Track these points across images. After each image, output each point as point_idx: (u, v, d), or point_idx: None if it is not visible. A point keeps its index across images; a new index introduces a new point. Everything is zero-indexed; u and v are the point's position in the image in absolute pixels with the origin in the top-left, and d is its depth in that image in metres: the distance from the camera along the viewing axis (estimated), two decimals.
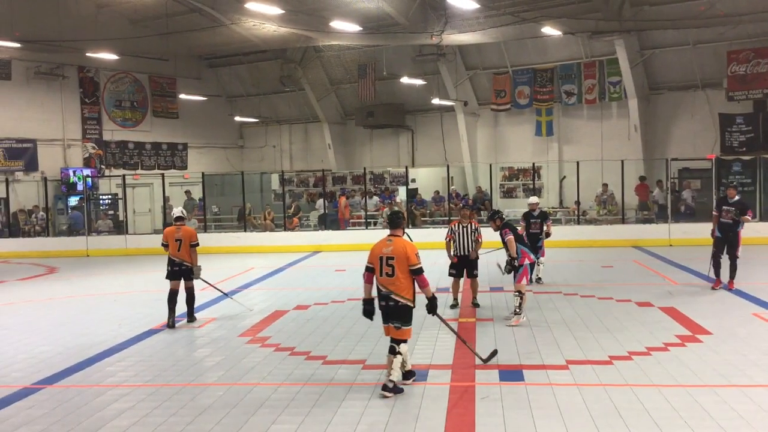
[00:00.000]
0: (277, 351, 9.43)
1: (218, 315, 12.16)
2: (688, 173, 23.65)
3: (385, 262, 7.51)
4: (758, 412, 6.59)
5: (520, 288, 10.60)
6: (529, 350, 9.03)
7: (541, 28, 22.56)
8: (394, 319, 7.56)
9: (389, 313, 7.58)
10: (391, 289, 7.50)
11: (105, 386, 8.10)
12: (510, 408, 6.89)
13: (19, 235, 24.63)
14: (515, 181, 28.78)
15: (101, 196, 27.98)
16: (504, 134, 29.14)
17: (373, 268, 7.60)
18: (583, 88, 26.42)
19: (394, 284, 7.49)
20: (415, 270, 7.50)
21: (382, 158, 31.77)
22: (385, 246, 7.59)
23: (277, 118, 34.47)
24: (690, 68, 24.73)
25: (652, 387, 7.41)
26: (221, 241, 23.26)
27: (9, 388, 8.08)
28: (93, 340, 10.38)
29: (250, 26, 25.31)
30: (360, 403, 7.17)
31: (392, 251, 7.52)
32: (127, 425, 6.77)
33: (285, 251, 21.87)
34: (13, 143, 26.38)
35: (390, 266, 7.49)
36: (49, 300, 14.59)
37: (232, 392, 7.70)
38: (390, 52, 28.14)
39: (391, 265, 7.48)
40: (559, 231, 22.62)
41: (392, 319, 7.57)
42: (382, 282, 7.55)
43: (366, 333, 10.23)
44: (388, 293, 7.52)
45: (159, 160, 31.43)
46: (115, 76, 29.97)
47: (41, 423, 6.91)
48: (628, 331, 9.91)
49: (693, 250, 19.03)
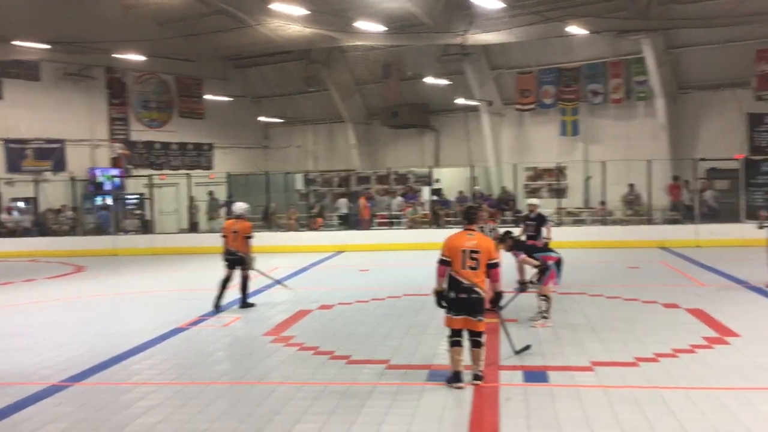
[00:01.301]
0: (300, 350, 9.47)
1: (242, 314, 12.23)
2: (716, 173, 23.36)
3: (469, 255, 7.64)
4: None
5: (546, 291, 10.51)
6: (554, 351, 8.98)
7: (566, 27, 22.41)
8: (476, 312, 7.66)
9: (472, 305, 7.65)
10: (475, 282, 7.64)
11: (131, 384, 8.18)
12: (534, 409, 6.86)
13: (48, 234, 24.96)
14: (540, 181, 28.59)
15: (128, 195, 28.29)
16: (529, 134, 28.97)
17: (450, 261, 7.69)
18: (609, 87, 26.19)
19: (478, 277, 7.66)
20: (494, 264, 7.71)
21: (406, 158, 31.73)
22: (467, 240, 7.73)
23: (301, 119, 34.58)
24: (718, 67, 24.40)
25: (678, 389, 7.33)
26: None
27: (37, 386, 8.19)
28: (119, 338, 10.48)
29: (275, 27, 25.44)
30: (383, 403, 7.17)
31: (477, 245, 7.70)
32: (153, 423, 6.83)
33: (309, 251, 21.95)
34: (42, 144, 26.77)
35: (474, 259, 7.64)
36: (76, 298, 14.77)
37: (256, 391, 7.74)
38: (414, 52, 28.13)
39: (476, 259, 7.64)
40: (584, 231, 22.64)
41: (474, 312, 7.65)
42: (465, 275, 7.64)
43: (390, 333, 10.24)
44: (472, 286, 7.63)
45: (185, 160, 31.69)
46: (142, 77, 30.28)
47: (68, 420, 6.99)
48: (654, 332, 9.81)
49: (721, 251, 18.83)
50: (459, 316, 7.68)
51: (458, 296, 7.65)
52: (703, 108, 25.17)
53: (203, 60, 30.47)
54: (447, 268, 7.73)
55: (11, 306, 13.97)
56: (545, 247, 10.85)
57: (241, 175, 30.20)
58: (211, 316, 12.03)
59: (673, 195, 23.70)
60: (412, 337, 9.97)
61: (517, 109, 28.40)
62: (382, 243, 22.26)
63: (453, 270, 7.70)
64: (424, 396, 7.38)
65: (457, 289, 7.67)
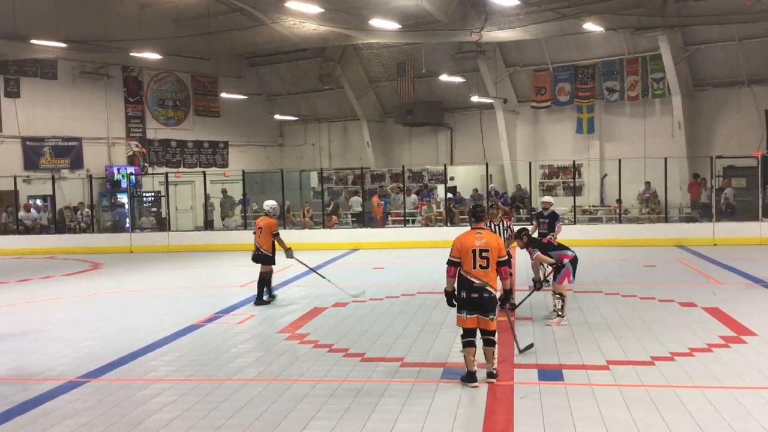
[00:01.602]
0: (315, 348, 9.49)
1: (257, 311, 12.27)
2: (733, 171, 23.18)
3: (479, 255, 7.63)
4: None
5: (561, 290, 10.46)
6: (569, 350, 8.95)
7: (582, 24, 22.29)
8: (489, 311, 7.65)
9: (484, 304, 7.63)
10: (486, 281, 7.63)
11: (147, 380, 8.23)
12: (549, 408, 6.84)
13: (65, 232, 25.17)
14: (555, 179, 28.54)
15: (144, 193, 28.47)
16: (544, 132, 28.88)
17: (459, 261, 7.68)
18: (626, 84, 26.06)
19: (488, 276, 7.65)
20: (504, 261, 7.73)
21: (421, 156, 31.74)
22: (477, 239, 7.71)
23: (316, 117, 34.65)
24: (735, 64, 24.22)
25: (694, 388, 7.29)
26: None
27: (55, 381, 8.26)
28: (136, 335, 10.56)
29: (290, 25, 25.46)
30: (398, 401, 7.18)
31: (486, 243, 7.68)
32: (169, 419, 6.88)
33: (324, 248, 21.97)
34: (59, 142, 26.99)
35: (485, 258, 7.64)
36: (93, 295, 14.87)
37: (271, 388, 7.77)
38: (429, 50, 28.09)
39: (486, 258, 7.64)
40: (600, 230, 22.55)
41: (487, 311, 7.64)
42: (477, 274, 7.63)
43: (404, 331, 10.24)
44: (484, 285, 7.62)
45: (201, 158, 31.88)
46: (158, 76, 30.45)
47: (86, 416, 7.05)
48: (671, 331, 9.75)
49: (738, 249, 18.69)
50: (471, 315, 7.66)
51: (470, 296, 7.64)
52: (720, 105, 25.01)
53: (219, 58, 30.59)
54: (457, 269, 7.73)
55: (29, 303, 14.10)
56: (560, 246, 10.78)
57: (256, 173, 30.32)
58: (226, 313, 12.08)
59: (692, 193, 23.54)
60: (427, 335, 9.97)
61: (532, 106, 28.31)
62: (396, 241, 22.25)
63: (464, 270, 7.68)
64: (439, 394, 7.38)
65: (468, 289, 7.65)
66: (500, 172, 29.05)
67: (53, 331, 11.08)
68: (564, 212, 24.63)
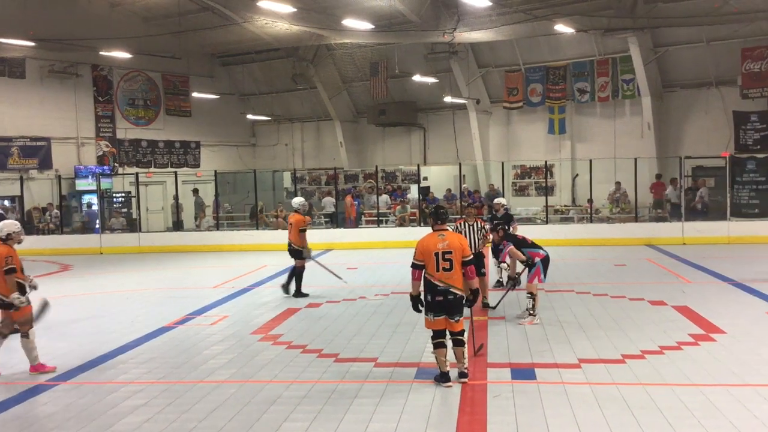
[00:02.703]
0: (289, 349, 9.46)
1: (231, 312, 12.20)
2: (702, 171, 23.50)
3: (442, 257, 7.61)
4: None
5: (531, 289, 10.53)
6: (542, 349, 9.01)
7: (553, 25, 22.47)
8: (455, 312, 7.66)
9: (449, 306, 7.64)
10: (450, 283, 7.61)
11: (118, 383, 8.15)
12: (522, 407, 6.88)
13: (34, 233, 24.78)
14: (528, 179, 28.72)
15: (115, 194, 28.13)
16: (516, 132, 29.05)
17: (423, 264, 7.67)
18: (596, 85, 26.30)
19: (452, 278, 7.63)
20: (468, 261, 7.69)
21: (394, 156, 31.75)
22: (439, 241, 7.69)
23: (289, 117, 34.52)
24: (704, 66, 24.56)
25: (665, 386, 7.38)
26: (234, 239, 23.36)
27: (24, 385, 8.15)
28: (107, 337, 10.44)
29: (262, 24, 25.36)
30: (372, 401, 7.18)
31: (449, 245, 7.66)
32: (140, 422, 6.81)
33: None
34: (28, 141, 26.56)
35: (448, 260, 7.62)
36: (62, 297, 14.66)
37: (244, 390, 7.73)
38: (402, 50, 28.12)
39: (449, 259, 7.62)
40: (571, 229, 22.74)
41: (453, 313, 7.66)
42: (440, 277, 7.62)
43: (377, 331, 10.25)
44: (448, 287, 7.61)
45: (172, 158, 31.56)
46: (129, 75, 30.11)
47: (56, 420, 6.96)
48: (641, 329, 9.86)
49: (706, 248, 18.96)
50: (438, 317, 7.69)
51: (435, 299, 7.65)
52: (689, 106, 25.34)
53: (190, 57, 30.31)
54: (421, 272, 7.71)
55: None
56: (534, 244, 10.85)
57: (228, 173, 30.14)
58: (198, 315, 12.00)
59: (656, 193, 23.83)
60: (400, 335, 9.98)
61: (504, 107, 28.45)
62: (370, 241, 22.26)
63: (428, 273, 7.68)
64: (412, 394, 7.39)
65: (433, 292, 7.66)
66: (473, 173, 29.16)
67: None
68: (536, 212, 24.86)
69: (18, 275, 8.56)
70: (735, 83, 23.86)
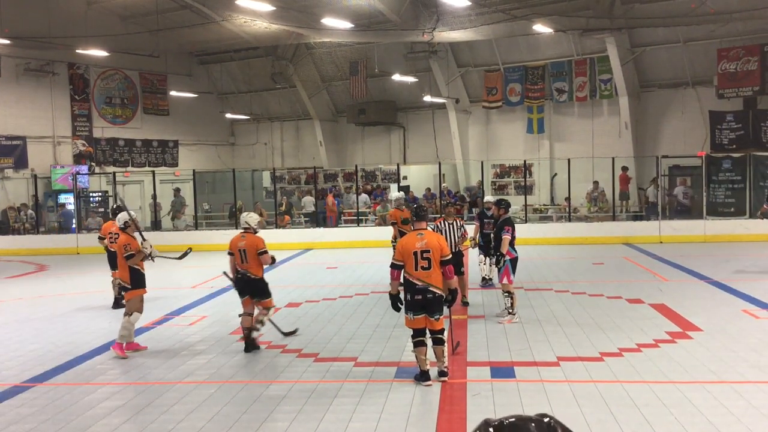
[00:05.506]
0: (268, 348, 9.43)
1: (210, 313, 12.13)
2: (678, 171, 23.72)
3: (421, 256, 7.64)
4: (748, 408, 6.62)
5: (507, 288, 10.55)
6: (521, 347, 9.04)
7: (532, 25, 22.59)
8: (434, 311, 7.68)
9: (428, 305, 7.66)
10: (428, 282, 7.63)
11: (95, 384, 8.07)
12: (501, 405, 6.91)
13: (9, 233, 24.52)
14: (507, 178, 28.84)
15: (91, 193, 27.86)
16: (495, 131, 29.17)
17: (403, 264, 7.69)
18: (574, 85, 26.46)
19: (430, 277, 7.64)
20: (446, 260, 7.71)
21: (374, 155, 31.76)
22: (418, 240, 7.71)
23: (268, 116, 34.41)
24: (680, 66, 24.81)
25: (642, 383, 7.43)
26: (212, 238, 23.17)
27: None
28: (83, 338, 10.35)
29: (241, 23, 25.25)
30: (352, 400, 7.17)
31: (427, 244, 7.68)
32: (117, 423, 6.75)
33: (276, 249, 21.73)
34: (3, 140, 26.24)
35: (426, 259, 7.64)
36: (39, 297, 14.52)
37: (223, 390, 7.69)
38: (382, 50, 28.13)
39: (427, 258, 7.64)
40: (550, 228, 22.86)
41: (432, 312, 7.68)
42: (419, 276, 7.64)
43: (357, 331, 10.24)
44: (426, 286, 7.63)
45: (150, 157, 31.33)
46: (106, 73, 29.85)
47: (31, 421, 6.88)
48: (619, 327, 9.94)
49: (683, 246, 19.14)
50: (418, 316, 7.71)
51: (414, 298, 7.68)
52: (666, 106, 25.58)
53: (168, 56, 30.11)
54: (400, 271, 7.74)
55: None
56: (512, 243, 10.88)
57: (207, 173, 29.97)
58: (177, 315, 11.92)
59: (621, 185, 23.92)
60: (380, 334, 9.98)
61: (483, 106, 28.56)
62: (349, 240, 22.24)
63: (407, 272, 7.71)
64: (392, 393, 7.40)
65: (412, 291, 7.69)
66: (453, 172, 29.24)
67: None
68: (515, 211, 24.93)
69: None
70: (711, 83, 24.11)
